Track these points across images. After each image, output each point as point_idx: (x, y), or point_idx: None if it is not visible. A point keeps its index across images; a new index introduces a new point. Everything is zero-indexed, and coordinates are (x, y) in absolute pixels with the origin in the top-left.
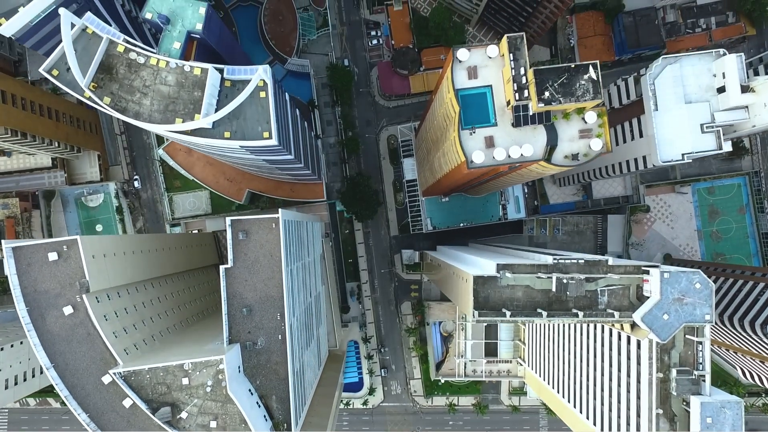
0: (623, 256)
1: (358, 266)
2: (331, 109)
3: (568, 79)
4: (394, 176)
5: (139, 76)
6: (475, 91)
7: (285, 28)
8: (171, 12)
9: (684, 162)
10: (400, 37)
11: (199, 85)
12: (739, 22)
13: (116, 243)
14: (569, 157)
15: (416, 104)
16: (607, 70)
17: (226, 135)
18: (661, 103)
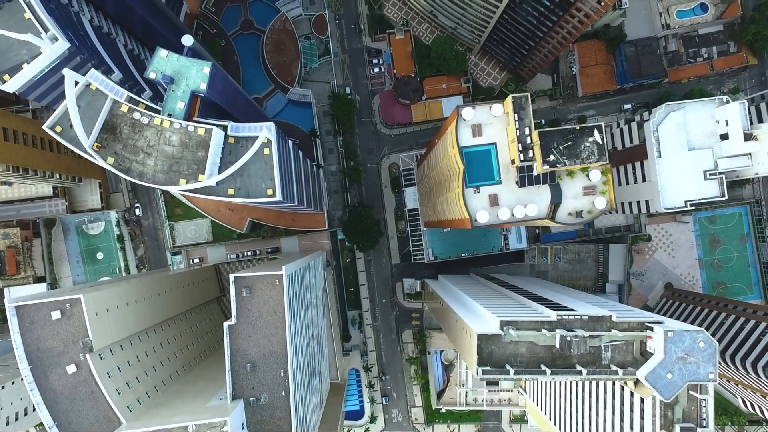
0: (624, 286)
1: (360, 294)
2: (332, 137)
3: (573, 141)
4: (395, 204)
5: (143, 136)
6: (479, 149)
7: (287, 58)
8: (175, 72)
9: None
10: (402, 66)
11: (203, 145)
12: (740, 51)
13: (119, 295)
14: (573, 215)
15: (418, 132)
16: (609, 98)
17: (230, 192)
18: (664, 149)
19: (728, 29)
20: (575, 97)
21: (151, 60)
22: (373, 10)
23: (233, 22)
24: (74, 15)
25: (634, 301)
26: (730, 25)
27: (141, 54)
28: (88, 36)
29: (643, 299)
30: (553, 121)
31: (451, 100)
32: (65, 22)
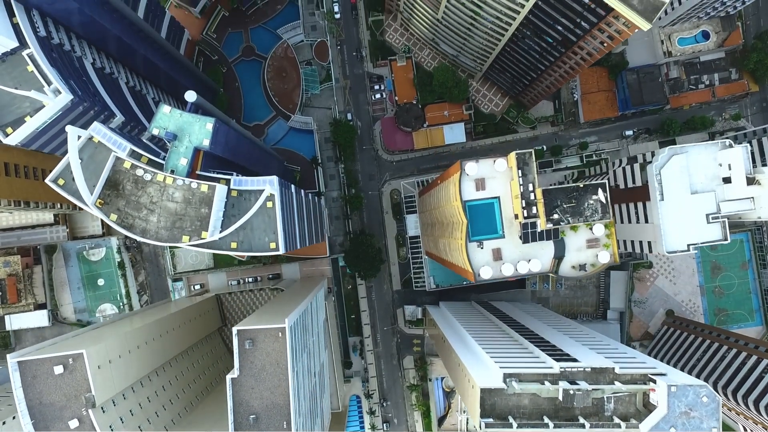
0: (625, 313)
1: (361, 320)
2: (334, 163)
3: (576, 199)
4: (396, 231)
5: (145, 193)
6: (482, 202)
7: (288, 85)
8: (178, 128)
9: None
10: (403, 93)
11: (206, 201)
12: (742, 78)
13: (122, 343)
14: (576, 268)
15: (419, 158)
16: (611, 124)
17: (233, 245)
18: (667, 193)
19: (730, 56)
20: (577, 123)
21: (154, 116)
22: (375, 36)
23: (234, 49)
24: (76, 60)
25: (635, 328)
26: (731, 52)
27: (142, 89)
28: (91, 81)
29: (644, 326)
30: (555, 147)
31: (452, 127)
32: (68, 71)
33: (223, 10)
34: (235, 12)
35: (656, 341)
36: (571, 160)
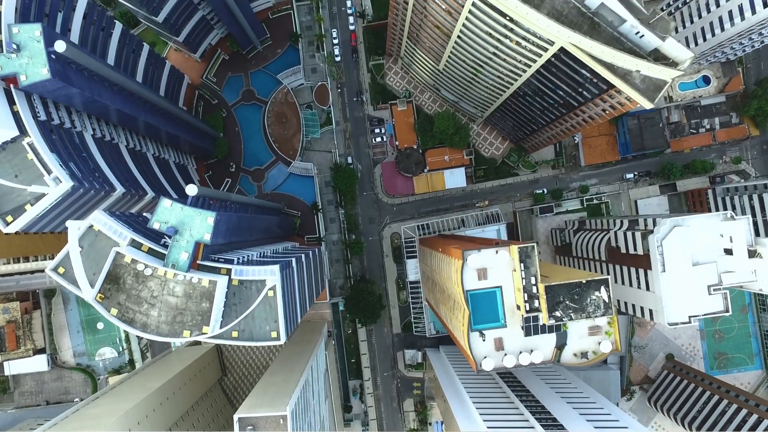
0: (625, 357)
1: (361, 363)
2: (334, 207)
3: (579, 295)
4: (397, 274)
5: (146, 287)
6: (484, 291)
7: (288, 131)
8: (179, 222)
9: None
10: (404, 138)
11: (207, 296)
12: (742, 123)
13: (122, 424)
14: (578, 356)
15: (420, 202)
16: (612, 167)
17: (234, 335)
18: (668, 265)
19: (731, 100)
20: (578, 166)
21: (155, 210)
22: (375, 80)
23: (235, 93)
24: (76, 136)
25: (635, 372)
26: (732, 96)
27: (142, 147)
28: (91, 155)
29: (644, 370)
30: (556, 190)
31: (453, 172)
32: (67, 152)
33: (223, 54)
34: (236, 56)
35: (656, 386)
36: (572, 203)
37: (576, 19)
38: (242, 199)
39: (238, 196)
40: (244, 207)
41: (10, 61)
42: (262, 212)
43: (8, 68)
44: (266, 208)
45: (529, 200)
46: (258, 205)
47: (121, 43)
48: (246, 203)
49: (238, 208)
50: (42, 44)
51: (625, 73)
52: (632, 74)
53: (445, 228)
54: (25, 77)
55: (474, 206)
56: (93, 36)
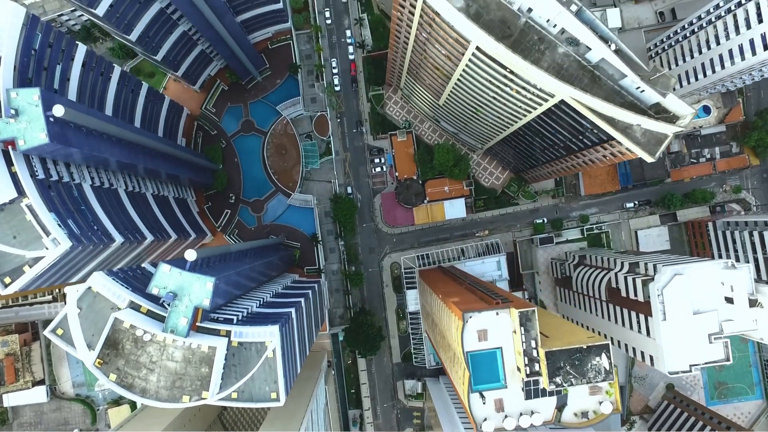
0: (626, 387)
1: (361, 393)
2: (334, 237)
3: (579, 360)
4: (397, 304)
5: (145, 352)
6: (485, 352)
7: (288, 163)
8: (178, 287)
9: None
10: (403, 169)
11: (207, 361)
12: (742, 153)
13: None
14: (578, 415)
15: (420, 231)
16: (612, 196)
17: (233, 396)
18: (669, 313)
19: (731, 129)
20: (578, 196)
21: (154, 275)
22: (375, 109)
23: (234, 123)
24: (75, 188)
25: (635, 402)
26: (732, 125)
27: (141, 188)
28: (90, 207)
29: (645, 400)
30: (556, 220)
31: (453, 203)
32: (66, 208)
33: (222, 85)
34: (235, 86)
35: (656, 416)
36: (572, 232)
37: (576, 73)
38: (242, 246)
39: (237, 245)
40: (244, 254)
41: (8, 125)
42: (263, 254)
43: (6, 133)
44: (267, 247)
45: (529, 230)
46: (258, 247)
47: (120, 85)
48: (246, 249)
49: (238, 257)
50: (40, 109)
51: (626, 127)
52: (633, 127)
53: (445, 258)
54: (23, 142)
55: (474, 236)
56: (92, 82)
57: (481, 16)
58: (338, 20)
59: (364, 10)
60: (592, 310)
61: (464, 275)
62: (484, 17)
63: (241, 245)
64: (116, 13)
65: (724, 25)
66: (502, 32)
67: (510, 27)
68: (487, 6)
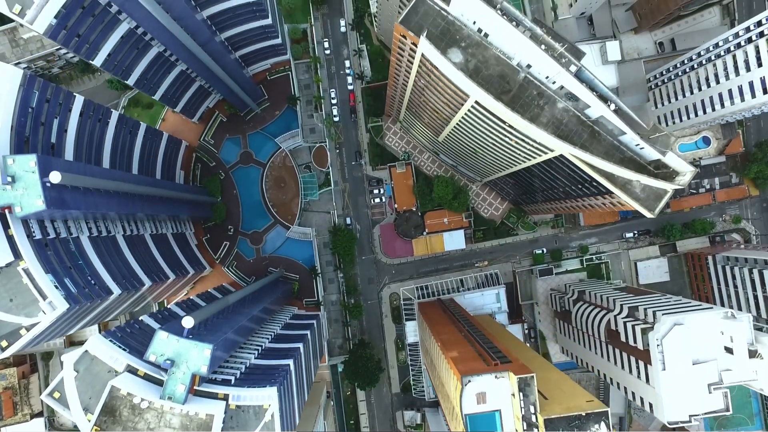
0: (625, 418)
1: (360, 424)
2: (333, 268)
3: (579, 428)
4: (396, 334)
5: (143, 419)
6: (484, 414)
7: (287, 195)
8: (176, 354)
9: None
10: (402, 200)
11: (205, 427)
12: (742, 183)
13: None
14: None
15: (419, 262)
16: (611, 226)
17: None
18: (668, 363)
19: (731, 160)
20: (577, 226)
21: (151, 342)
22: (374, 140)
23: (232, 154)
24: (73, 243)
25: None
26: (732, 156)
27: (139, 230)
28: (88, 260)
29: (644, 430)
30: (555, 251)
31: (452, 234)
32: (63, 266)
33: (221, 116)
34: (233, 117)
35: None
36: (572, 263)
37: (576, 128)
38: (240, 295)
39: (235, 295)
40: (242, 302)
41: (5, 192)
42: (262, 297)
43: (3, 200)
44: (265, 288)
45: (528, 260)
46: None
47: (118, 129)
48: (243, 297)
49: (236, 307)
50: (37, 175)
51: (626, 182)
52: (633, 183)
53: (445, 289)
54: (20, 208)
55: (473, 266)
56: (90, 129)
57: (480, 71)
58: (337, 50)
59: (363, 41)
60: (591, 348)
61: (462, 315)
62: (483, 72)
63: (239, 293)
64: (114, 62)
65: (723, 64)
66: (501, 87)
67: (509, 82)
68: (486, 61)
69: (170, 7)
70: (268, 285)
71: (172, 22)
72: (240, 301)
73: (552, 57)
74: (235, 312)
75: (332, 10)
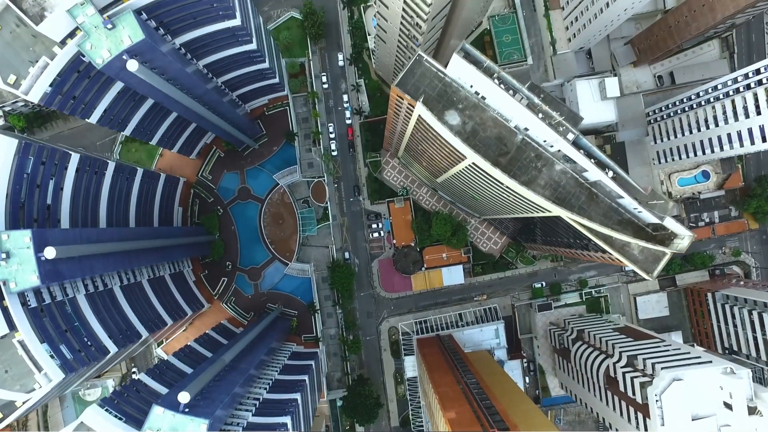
0: None
1: None
2: (332, 303)
3: None
4: (395, 368)
5: None
6: None
7: (285, 232)
8: (172, 428)
9: None
10: (401, 236)
11: None
12: (741, 217)
13: None
14: None
15: (417, 296)
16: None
17: None
18: (667, 419)
19: (730, 193)
20: (577, 259)
21: (147, 417)
22: (372, 174)
23: (230, 190)
24: (69, 304)
25: None
26: (732, 190)
27: (137, 277)
28: (84, 321)
29: None
30: (554, 285)
31: (451, 270)
32: (59, 331)
33: (218, 151)
34: (231, 153)
35: None
36: (571, 296)
37: (574, 190)
38: (236, 350)
39: (231, 352)
40: (239, 358)
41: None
42: (259, 347)
43: None
44: (263, 335)
45: (527, 293)
46: (254, 339)
47: (114, 178)
48: (240, 353)
49: (233, 363)
50: (32, 251)
51: (624, 244)
52: (631, 245)
53: (443, 324)
54: (14, 284)
55: (472, 300)
56: (86, 184)
57: (477, 133)
58: (335, 84)
59: (362, 75)
60: (590, 390)
61: (460, 360)
62: (480, 134)
63: (236, 347)
64: (110, 117)
65: (722, 108)
66: (498, 150)
67: (507, 144)
68: (483, 123)
69: (165, 70)
70: (266, 329)
71: (167, 85)
72: (238, 357)
73: (549, 125)
74: (233, 368)
75: (330, 44)
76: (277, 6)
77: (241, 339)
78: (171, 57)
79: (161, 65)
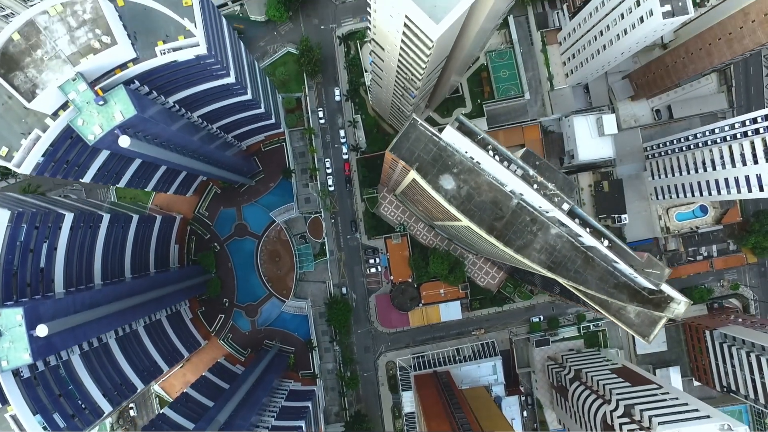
0: None
1: None
2: (329, 338)
3: None
4: (392, 402)
5: None
6: None
7: (282, 269)
8: None
9: None
10: (398, 272)
11: None
12: (740, 251)
13: None
14: None
15: (415, 331)
16: None
17: None
18: None
19: (728, 228)
20: None
21: None
22: (369, 209)
23: (227, 227)
24: (63, 367)
25: None
26: (730, 224)
27: (133, 326)
28: (79, 383)
29: None
30: (552, 319)
31: (448, 306)
32: (53, 399)
33: (215, 188)
34: (228, 189)
35: None
36: (569, 330)
37: (570, 253)
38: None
39: (226, 410)
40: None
41: None
42: (256, 398)
43: None
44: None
45: (525, 327)
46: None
47: (109, 230)
48: (237, 406)
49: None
50: (23, 328)
51: (620, 308)
52: (627, 308)
53: (441, 359)
54: (6, 363)
55: (470, 334)
56: (80, 239)
57: (472, 197)
58: (332, 119)
59: (358, 111)
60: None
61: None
62: (476, 199)
63: (232, 401)
64: (102, 175)
65: (720, 152)
66: (494, 214)
67: (502, 208)
68: (478, 187)
69: (158, 135)
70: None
71: (159, 150)
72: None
73: (544, 196)
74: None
75: (327, 79)
76: (273, 42)
77: (238, 390)
78: (163, 122)
79: (153, 132)
